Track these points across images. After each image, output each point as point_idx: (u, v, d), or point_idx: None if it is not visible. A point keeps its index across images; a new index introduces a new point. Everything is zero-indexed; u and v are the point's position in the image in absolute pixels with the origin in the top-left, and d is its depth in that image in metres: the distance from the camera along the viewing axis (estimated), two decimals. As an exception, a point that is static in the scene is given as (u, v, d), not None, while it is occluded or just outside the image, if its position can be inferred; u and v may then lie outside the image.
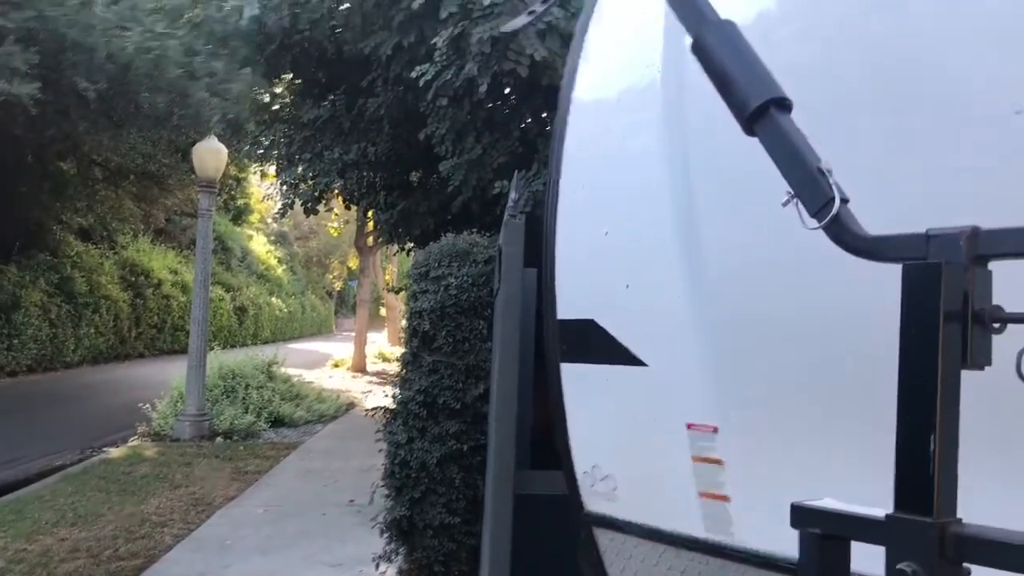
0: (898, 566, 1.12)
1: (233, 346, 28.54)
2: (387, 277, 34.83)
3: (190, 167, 13.85)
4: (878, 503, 1.28)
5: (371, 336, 28.78)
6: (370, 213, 11.52)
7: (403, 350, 6.91)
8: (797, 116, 1.59)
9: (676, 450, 2.46)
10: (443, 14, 6.76)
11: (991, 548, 1.10)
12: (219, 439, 12.81)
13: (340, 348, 33.00)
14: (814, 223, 1.39)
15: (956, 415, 1.15)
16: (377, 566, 6.65)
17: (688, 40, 1.68)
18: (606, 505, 2.72)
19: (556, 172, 2.87)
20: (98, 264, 25.60)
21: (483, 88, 6.72)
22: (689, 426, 2.42)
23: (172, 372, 15.11)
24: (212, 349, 14.69)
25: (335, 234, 38.34)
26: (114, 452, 11.82)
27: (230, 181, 26.72)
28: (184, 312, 26.42)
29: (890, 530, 1.16)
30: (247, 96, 12.88)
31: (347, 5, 9.05)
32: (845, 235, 1.34)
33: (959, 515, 1.18)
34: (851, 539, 1.24)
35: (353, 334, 28.88)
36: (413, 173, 10.43)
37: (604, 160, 2.71)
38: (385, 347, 32.25)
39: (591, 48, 2.86)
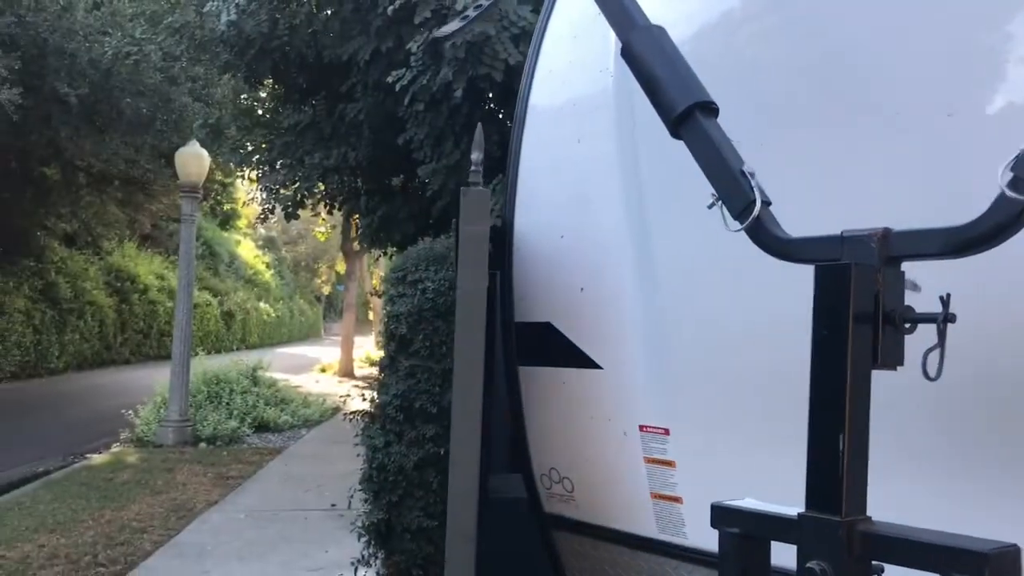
0: (807, 564, 1.13)
1: (220, 351, 28.45)
2: (374, 281, 34.82)
3: (174, 172, 13.82)
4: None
5: (359, 340, 28.75)
6: (353, 218, 11.53)
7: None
8: (739, 119, 1.60)
9: (630, 452, 2.48)
10: (418, 19, 6.77)
11: (898, 546, 1.11)
12: (202, 445, 12.75)
13: (328, 352, 32.93)
14: (737, 225, 1.40)
15: (866, 415, 1.17)
16: (356, 570, 6.63)
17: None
18: (563, 507, 2.74)
19: (514, 176, 2.88)
20: (83, 270, 25.49)
21: (459, 93, 6.73)
22: (642, 428, 2.43)
23: (157, 378, 15.04)
24: (196, 355, 14.63)
25: (323, 239, 38.30)
26: (96, 458, 11.76)
27: (216, 186, 26.66)
28: (171, 317, 26.31)
29: (801, 529, 1.17)
30: (228, 101, 12.86)
31: (326, 11, 9.05)
32: (765, 237, 1.36)
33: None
34: (767, 538, 1.25)
35: (341, 338, 28.85)
36: (394, 178, 10.42)
37: (559, 165, 2.73)
38: (372, 351, 32.22)
39: (547, 54, 2.88)
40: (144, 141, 18.29)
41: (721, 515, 1.29)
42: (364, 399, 7.44)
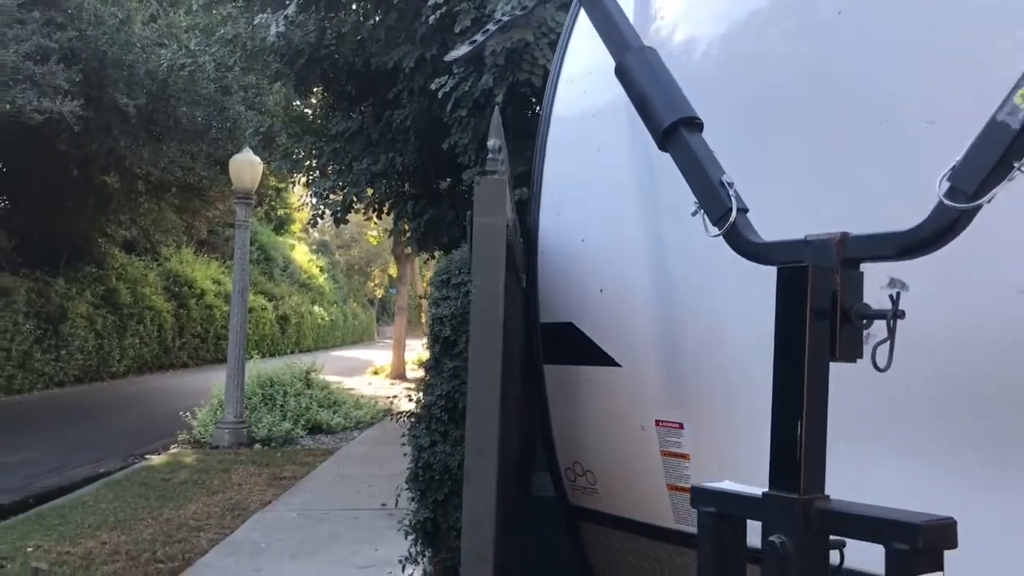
0: (770, 538, 1.25)
1: (276, 355, 28.94)
2: (425, 284, 35.15)
3: (229, 179, 14.20)
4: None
5: (411, 343, 29.02)
6: (402, 222, 11.75)
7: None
8: (728, 126, 1.72)
9: (647, 446, 2.60)
10: (458, 28, 6.93)
11: (847, 520, 1.23)
12: (257, 446, 13.06)
13: (381, 355, 33.29)
14: (715, 230, 1.52)
15: (824, 403, 1.28)
16: (403, 568, 6.80)
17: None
18: (587, 498, 2.86)
19: (539, 182, 3.02)
20: (142, 275, 26.14)
21: (499, 98, 6.87)
22: (657, 423, 2.55)
23: (214, 381, 15.41)
24: (251, 358, 14.97)
25: (375, 242, 38.74)
26: (155, 459, 12.13)
27: (270, 192, 27.15)
28: (227, 321, 26.86)
29: (765, 507, 1.29)
30: (280, 109, 13.17)
31: (372, 20, 9.25)
32: (740, 241, 1.48)
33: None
34: (740, 517, 1.37)
35: (393, 341, 29.17)
36: (440, 182, 10.60)
37: (580, 172, 2.86)
38: (423, 353, 32.45)
39: (569, 64, 3.00)
40: (200, 149, 18.76)
41: (699, 496, 1.41)
42: (411, 400, 7.62)
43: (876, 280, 1.55)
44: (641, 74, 1.73)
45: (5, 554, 7.35)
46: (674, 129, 1.64)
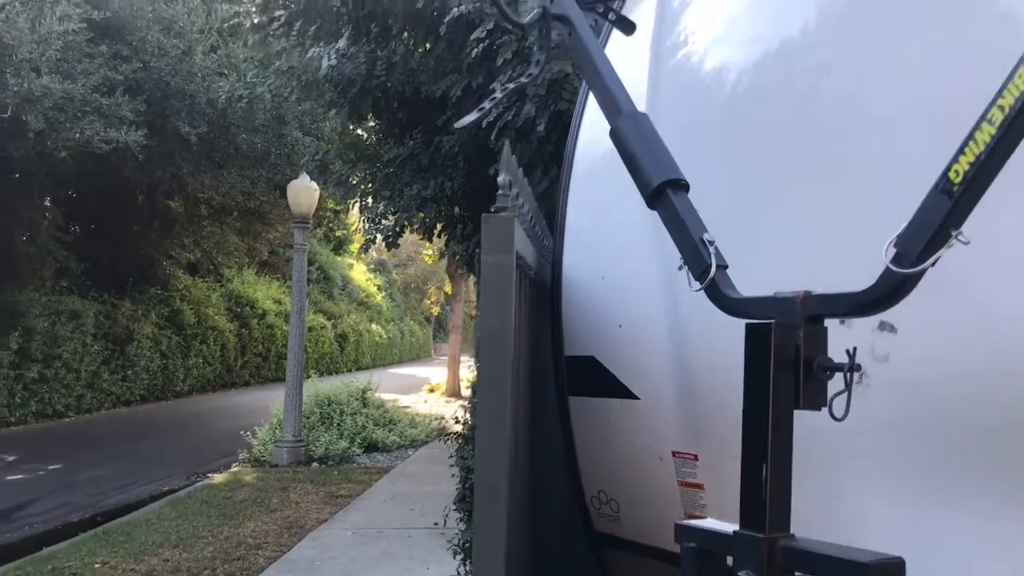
0: (738, 574, 1.37)
1: (334, 373, 29.39)
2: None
3: (288, 202, 14.60)
4: (831, 524, 1.52)
5: (466, 359, 29.26)
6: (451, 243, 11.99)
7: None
8: (723, 181, 1.85)
9: (665, 476, 2.71)
10: (499, 61, 7.11)
11: (806, 558, 1.34)
12: (315, 464, 13.36)
13: (437, 372, 33.59)
14: (697, 285, 1.65)
15: (788, 448, 1.40)
16: (453, 586, 6.96)
17: (608, 127, 1.96)
18: (611, 526, 2.98)
19: (563, 219, 3.16)
20: (205, 296, 26.80)
21: (541, 127, 7.02)
22: (674, 454, 2.67)
23: (274, 400, 15.80)
24: (309, 377, 15.30)
25: (430, 261, 39.14)
26: (217, 478, 12.48)
27: (328, 213, 27.66)
28: (287, 341, 27.41)
29: (735, 544, 1.41)
30: (335, 135, 13.51)
31: (421, 49, 9.48)
32: (719, 296, 1.60)
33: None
34: (716, 552, 1.49)
35: (448, 358, 29.44)
36: (489, 206, 10.78)
37: (600, 211, 2.99)
38: (475, 371, 32.61)
39: (591, 104, 3.14)
40: (259, 174, 19.28)
41: (681, 532, 1.53)
42: (458, 422, 7.79)
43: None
44: (632, 138, 1.86)
45: (75, 570, 7.67)
46: (661, 190, 1.76)
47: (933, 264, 1.30)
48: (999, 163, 1.25)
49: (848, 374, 1.39)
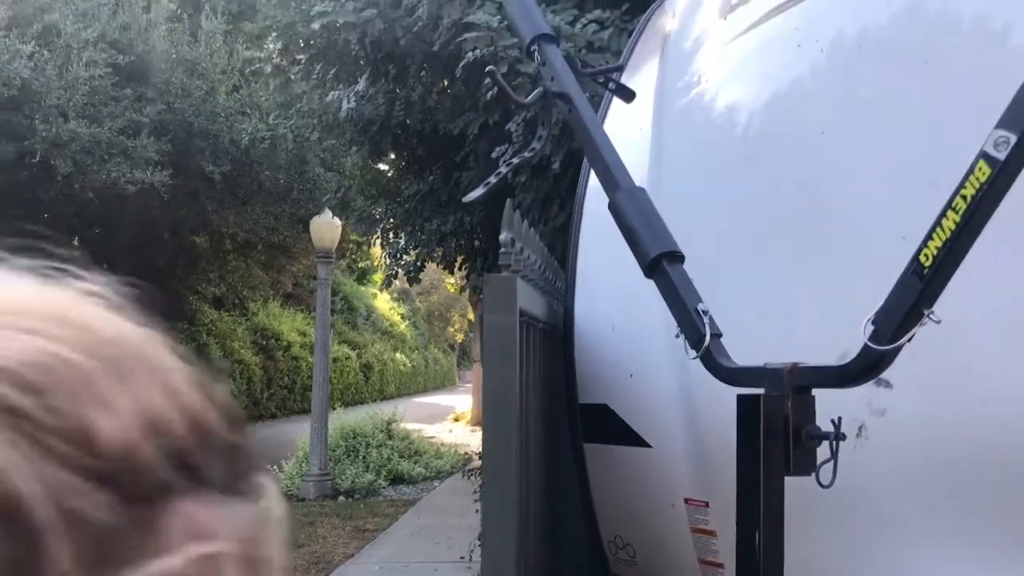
0: (735, 633, 1.46)
1: (359, 403, 29.48)
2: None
3: (311, 236, 14.78)
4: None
5: (491, 388, 29.28)
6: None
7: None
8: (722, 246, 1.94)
9: (678, 522, 2.79)
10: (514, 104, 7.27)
11: (799, 619, 1.42)
12: (341, 498, 13.43)
13: (462, 400, 33.63)
14: (693, 353, 1.74)
15: (780, 512, 1.49)
16: (479, 621, 7.00)
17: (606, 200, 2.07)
18: (628, 571, 3.05)
19: (573, 268, 3.26)
20: (231, 330, 27.02)
21: (556, 165, 7.15)
22: (686, 501, 2.75)
23: (301, 432, 15.89)
24: (334, 408, 15.37)
25: (452, 290, 39.31)
26: (245, 513, 12.57)
27: (351, 245, 27.88)
28: (312, 372, 27.56)
29: (732, 605, 1.49)
30: (357, 171, 13.72)
31: (437, 88, 9.66)
32: (714, 365, 1.70)
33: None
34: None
35: (472, 387, 29.51)
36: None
37: (610, 261, 3.09)
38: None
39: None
40: (282, 209, 19.50)
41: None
42: (479, 456, 7.86)
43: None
44: (630, 212, 1.97)
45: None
46: (657, 262, 1.87)
47: (908, 341, 1.38)
48: (965, 247, 1.34)
49: (834, 442, 1.48)
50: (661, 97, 2.87)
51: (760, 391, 1.52)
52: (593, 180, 3.26)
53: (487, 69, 3.26)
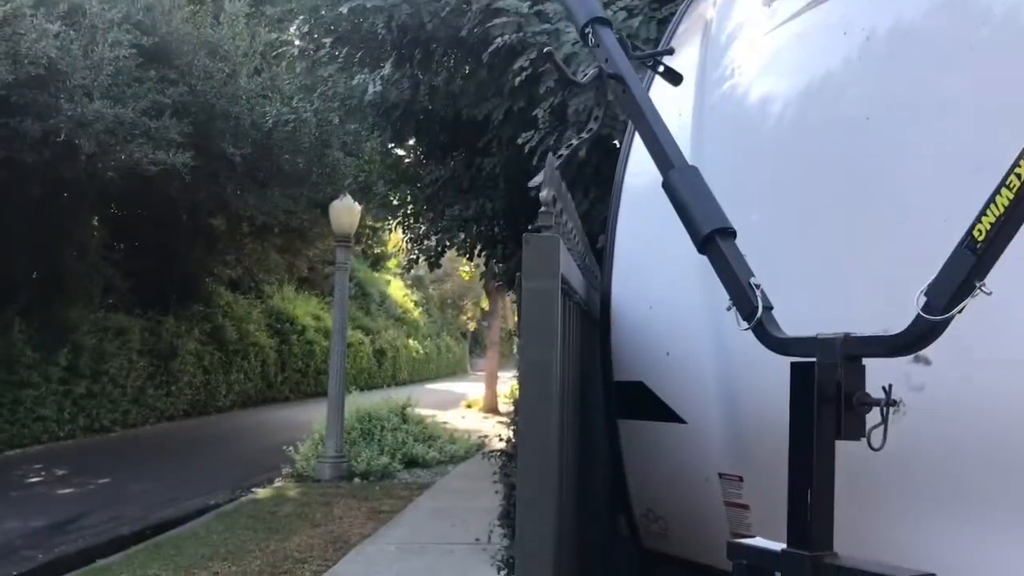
0: (786, 588, 1.53)
1: (372, 388, 29.62)
2: (515, 319, 35.46)
3: (328, 221, 14.86)
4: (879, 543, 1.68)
5: (503, 375, 29.41)
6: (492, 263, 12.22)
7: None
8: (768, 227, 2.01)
9: (711, 496, 2.86)
10: (542, 89, 7.30)
11: (853, 574, 1.50)
12: (356, 480, 13.55)
13: (474, 388, 33.74)
14: (745, 324, 1.81)
15: (831, 473, 1.56)
16: (496, 601, 7.09)
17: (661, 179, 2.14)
18: (660, 543, 3.13)
19: (611, 249, 3.33)
20: (247, 313, 27.17)
21: (583, 152, 7.20)
22: (720, 475, 2.82)
23: (314, 415, 16.04)
24: (350, 392, 15.49)
25: (467, 277, 39.38)
26: (261, 492, 12.72)
27: (367, 231, 28.00)
28: (326, 356, 27.69)
29: (783, 561, 1.57)
30: (377, 156, 13.80)
31: (462, 73, 9.71)
32: (765, 336, 1.77)
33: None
34: (765, 568, 1.65)
35: (485, 375, 29.60)
36: (529, 226, 10.98)
37: (648, 242, 3.16)
38: (515, 387, 32.70)
39: (639, 140, 3.30)
40: (301, 193, 19.61)
41: (733, 549, 1.69)
42: (500, 439, 7.94)
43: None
44: (683, 189, 2.04)
45: (129, 583, 7.92)
46: (710, 238, 1.94)
47: (960, 312, 1.45)
48: (1017, 223, 1.41)
49: (885, 408, 1.55)
50: (702, 82, 2.93)
51: (812, 360, 1.59)
52: (632, 162, 3.33)
53: (544, 51, 3.33)
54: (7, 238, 16.86)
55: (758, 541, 1.71)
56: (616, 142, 8.56)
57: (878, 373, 1.76)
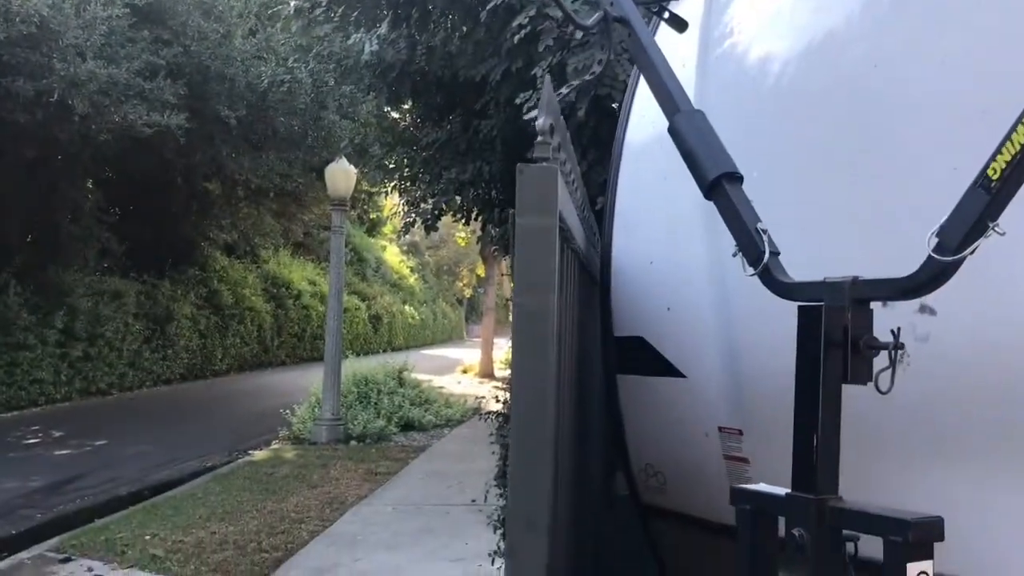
0: (791, 531, 1.52)
1: (368, 353, 29.65)
2: (511, 284, 35.41)
3: (324, 184, 14.79)
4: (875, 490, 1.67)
5: (499, 341, 29.46)
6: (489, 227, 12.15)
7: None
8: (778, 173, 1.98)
9: (711, 450, 2.85)
10: (541, 47, 7.21)
11: (856, 517, 1.49)
12: (353, 442, 13.59)
13: (469, 354, 33.83)
14: (751, 270, 1.79)
15: (837, 417, 1.54)
16: (492, 561, 7.13)
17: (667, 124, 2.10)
18: (658, 498, 3.13)
19: (611, 205, 3.30)
20: (242, 277, 27.13)
21: (581, 112, 7.13)
22: (720, 429, 2.81)
23: (311, 379, 16.05)
24: (347, 357, 15.52)
25: (463, 244, 39.33)
26: (258, 454, 12.76)
27: (363, 196, 27.90)
28: (322, 321, 27.67)
29: (787, 505, 1.55)
30: (372, 119, 13.69)
31: (460, 32, 9.60)
32: (772, 281, 1.75)
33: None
34: (769, 513, 1.64)
35: (481, 340, 29.65)
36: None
37: (649, 199, 3.13)
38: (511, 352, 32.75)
39: (640, 97, 3.27)
40: (296, 157, 19.49)
41: (737, 495, 1.68)
42: (498, 401, 7.96)
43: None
44: (689, 134, 2.00)
45: (127, 541, 7.94)
46: (717, 182, 1.91)
47: (972, 253, 1.43)
48: (1033, 161, 1.38)
49: (893, 352, 1.53)
50: (707, 30, 2.88)
51: (820, 304, 1.57)
52: (634, 117, 3.29)
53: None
54: (0, 200, 16.76)
55: (761, 487, 1.70)
56: (615, 104, 8.51)
57: (884, 323, 1.74)
